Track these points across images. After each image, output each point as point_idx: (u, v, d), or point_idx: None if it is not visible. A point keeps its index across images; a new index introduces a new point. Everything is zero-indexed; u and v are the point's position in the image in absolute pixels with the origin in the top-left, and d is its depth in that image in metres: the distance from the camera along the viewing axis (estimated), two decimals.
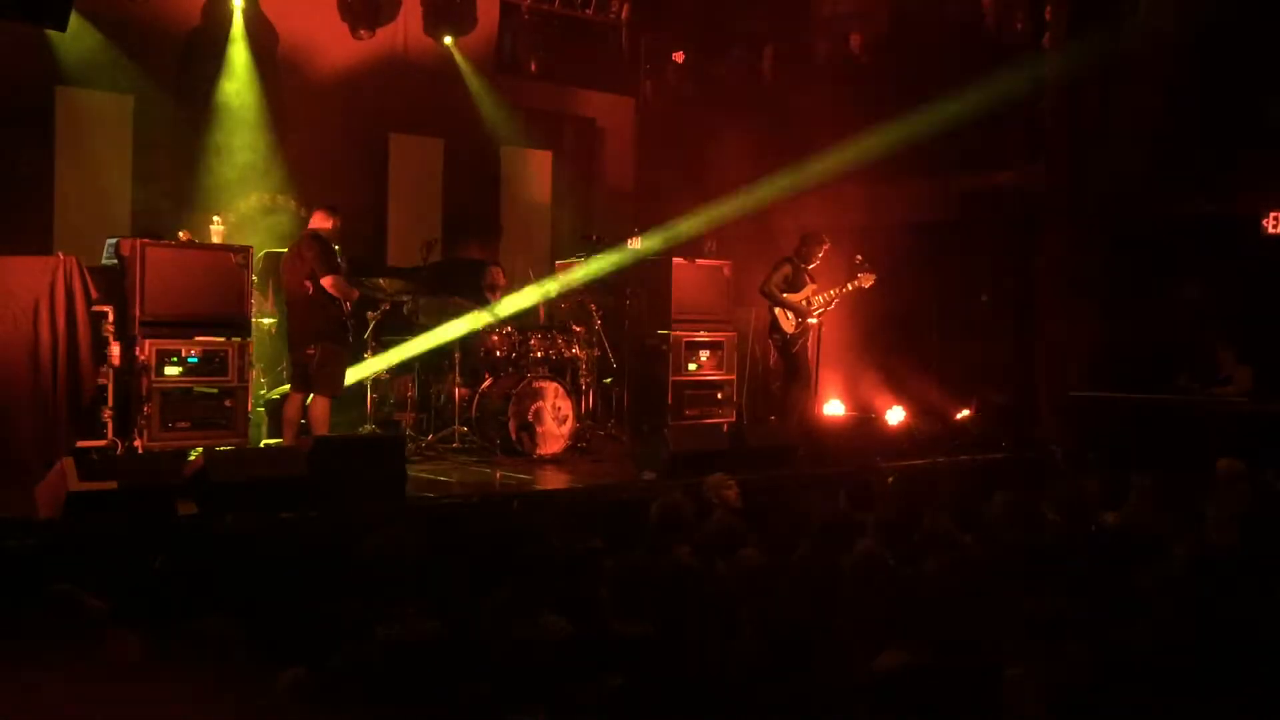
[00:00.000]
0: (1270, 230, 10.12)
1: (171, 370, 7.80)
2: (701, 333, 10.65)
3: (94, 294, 7.71)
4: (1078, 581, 4.44)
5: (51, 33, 9.21)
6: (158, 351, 7.77)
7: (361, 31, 11.40)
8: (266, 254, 9.57)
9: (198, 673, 3.26)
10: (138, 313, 7.75)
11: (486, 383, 9.46)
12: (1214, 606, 3.99)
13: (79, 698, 3.03)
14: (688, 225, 11.43)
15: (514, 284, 10.55)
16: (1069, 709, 3.29)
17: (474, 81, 12.47)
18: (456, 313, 9.57)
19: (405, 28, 11.92)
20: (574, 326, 10.09)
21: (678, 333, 10.49)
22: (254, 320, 8.66)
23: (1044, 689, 3.34)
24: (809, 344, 10.08)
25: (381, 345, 9.27)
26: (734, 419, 10.65)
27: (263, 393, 9.22)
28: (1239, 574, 4.41)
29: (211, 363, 7.96)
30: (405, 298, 9.46)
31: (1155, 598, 4.13)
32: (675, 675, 3.52)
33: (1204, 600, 4.05)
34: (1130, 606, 4.12)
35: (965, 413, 10.68)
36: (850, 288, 10.03)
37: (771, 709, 3.32)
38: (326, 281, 8.38)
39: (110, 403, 7.81)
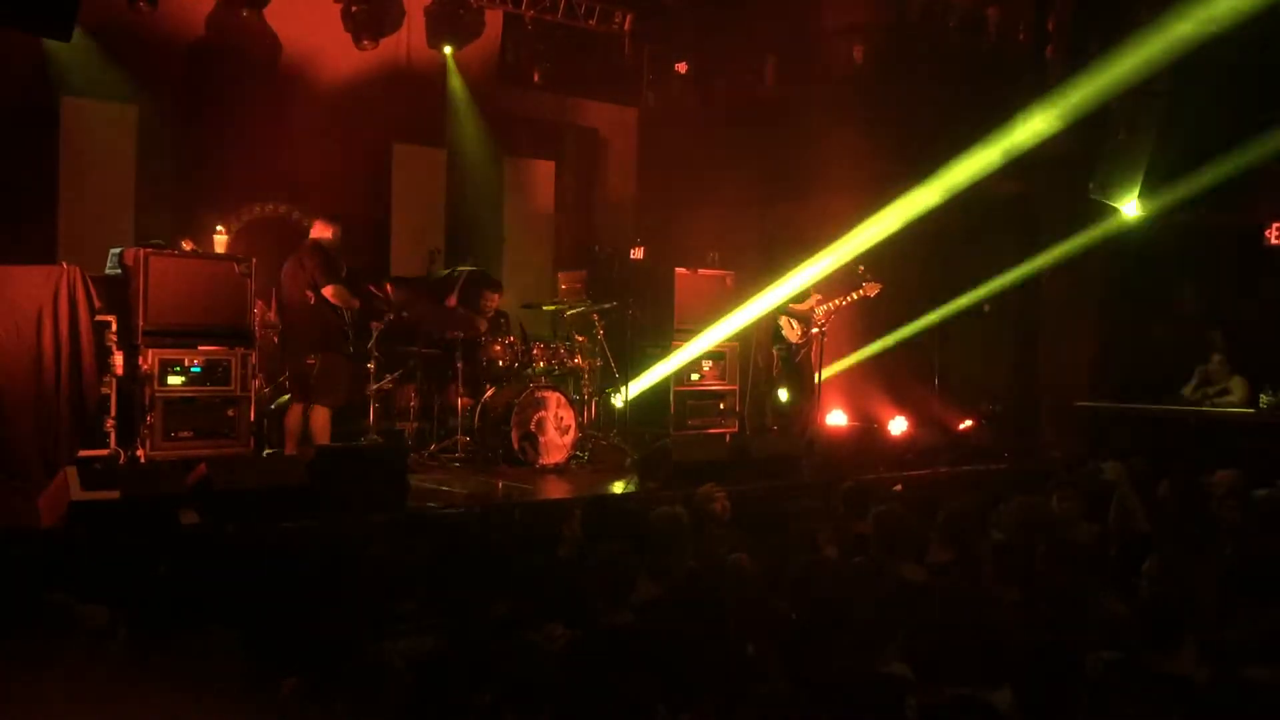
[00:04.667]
0: (1273, 240, 10.12)
1: (174, 380, 7.79)
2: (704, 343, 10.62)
3: (97, 303, 7.71)
4: None
5: (55, 43, 9.24)
6: (161, 361, 7.75)
7: (365, 42, 11.43)
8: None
9: (199, 681, 3.26)
10: (141, 322, 7.74)
11: (489, 393, 9.45)
12: None
13: (79, 706, 3.03)
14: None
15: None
16: None
17: (477, 92, 12.50)
18: (458, 323, 9.57)
19: (408, 38, 11.95)
20: (576, 336, 10.09)
21: (680, 343, 10.48)
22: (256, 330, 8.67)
23: None
24: (812, 354, 10.06)
25: (384, 355, 9.27)
26: (736, 429, 10.64)
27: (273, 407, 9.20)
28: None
29: (214, 372, 7.96)
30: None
31: None
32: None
33: None
34: None
35: (968, 423, 10.68)
36: (855, 297, 10.01)
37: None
38: (328, 291, 8.38)
39: (113, 412, 7.79)
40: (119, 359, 7.79)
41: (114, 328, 7.81)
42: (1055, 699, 3.39)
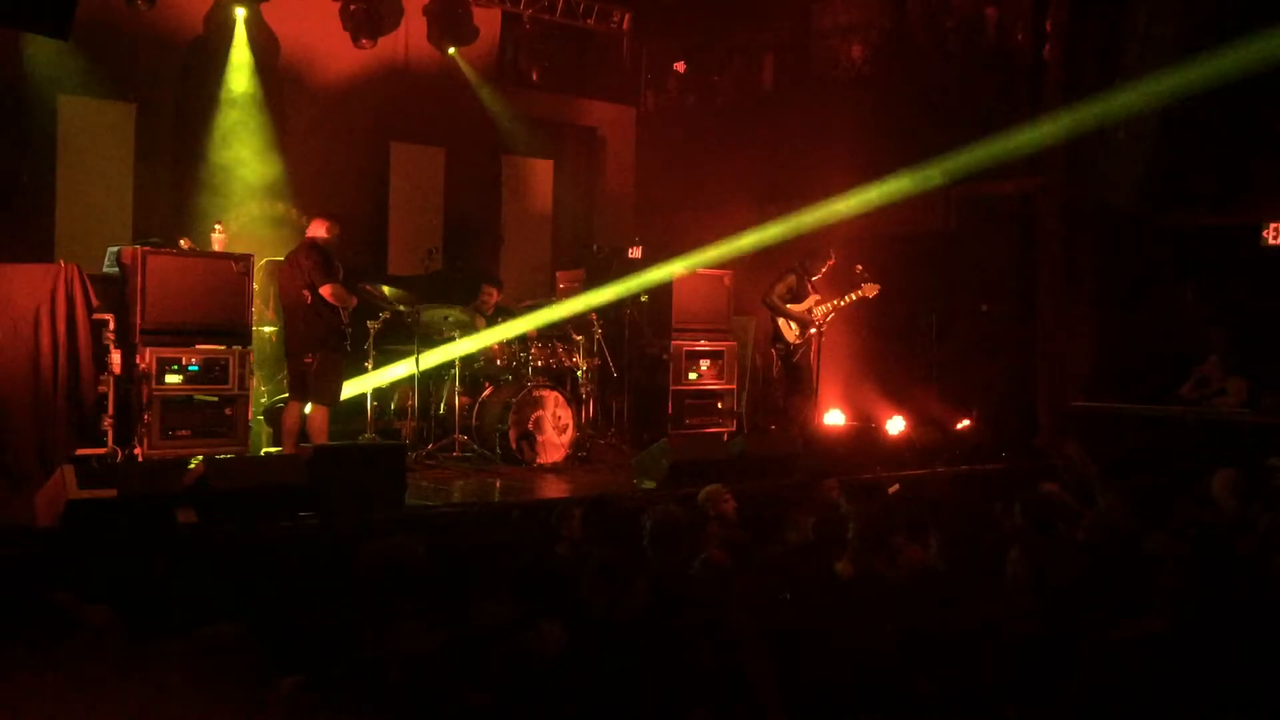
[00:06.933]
0: (1270, 241, 10.11)
1: (172, 378, 7.79)
2: (702, 342, 10.64)
3: (95, 302, 7.70)
4: None
5: (53, 41, 9.22)
6: (158, 359, 7.76)
7: (363, 40, 11.43)
8: (267, 261, 9.57)
9: (197, 680, 3.26)
10: (139, 321, 7.74)
11: (487, 391, 9.45)
12: None
13: (79, 704, 3.02)
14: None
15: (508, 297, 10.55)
16: None
17: (476, 90, 12.50)
18: (456, 323, 9.55)
19: (407, 37, 11.95)
20: (574, 335, 10.08)
21: (678, 342, 10.48)
22: (254, 328, 8.66)
23: None
24: (810, 354, 10.07)
25: (382, 354, 9.27)
26: (734, 429, 10.64)
27: (263, 401, 9.21)
28: None
29: (212, 371, 7.96)
30: (405, 307, 9.44)
31: None
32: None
33: None
34: None
35: (965, 423, 10.68)
36: (854, 298, 10.01)
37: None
38: (325, 290, 8.37)
39: (110, 410, 7.79)
40: (117, 357, 7.79)
41: (112, 326, 7.80)
42: None
